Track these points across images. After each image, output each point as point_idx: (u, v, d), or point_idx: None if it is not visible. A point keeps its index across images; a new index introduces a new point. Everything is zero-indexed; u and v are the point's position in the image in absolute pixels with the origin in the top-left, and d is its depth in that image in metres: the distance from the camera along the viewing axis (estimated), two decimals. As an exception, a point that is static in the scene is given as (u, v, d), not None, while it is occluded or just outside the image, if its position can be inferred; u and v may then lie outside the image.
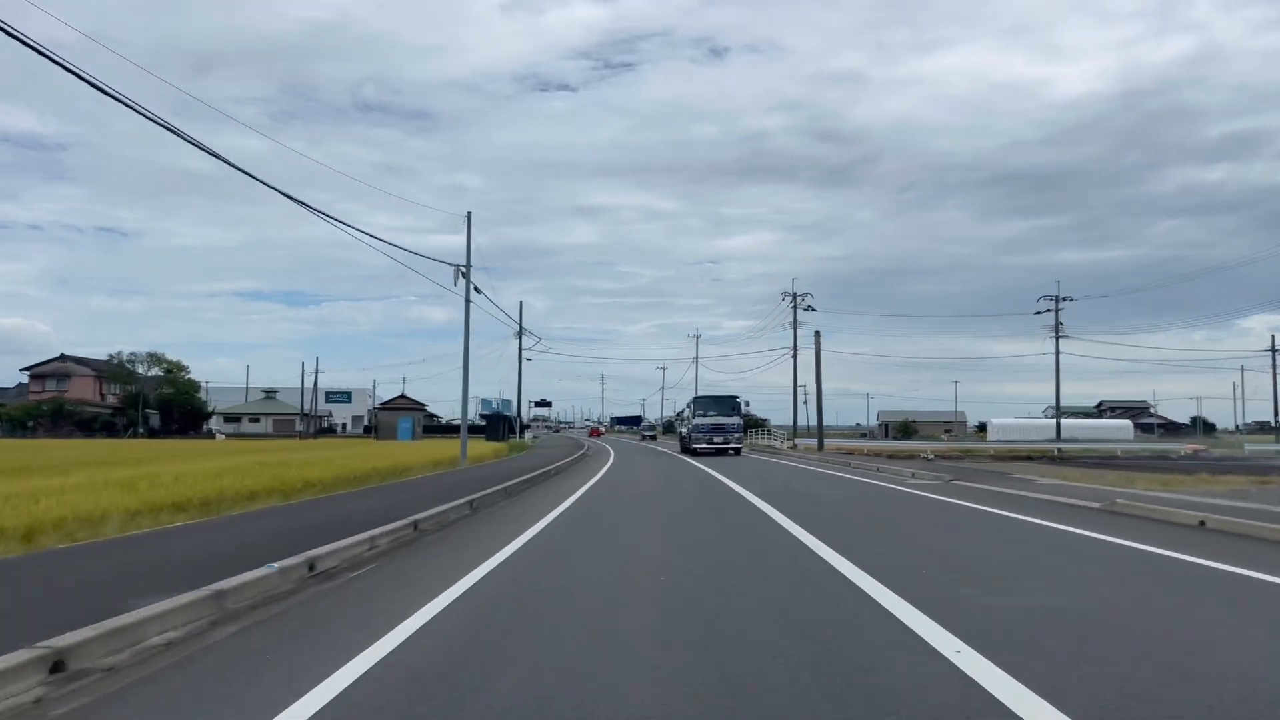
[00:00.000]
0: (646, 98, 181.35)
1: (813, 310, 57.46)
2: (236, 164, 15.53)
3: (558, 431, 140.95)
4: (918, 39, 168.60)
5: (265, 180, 17.28)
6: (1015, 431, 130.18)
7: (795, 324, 57.62)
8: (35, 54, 9.54)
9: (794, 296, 57.72)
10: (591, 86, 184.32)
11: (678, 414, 73.80)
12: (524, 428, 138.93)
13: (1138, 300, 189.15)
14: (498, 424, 55.79)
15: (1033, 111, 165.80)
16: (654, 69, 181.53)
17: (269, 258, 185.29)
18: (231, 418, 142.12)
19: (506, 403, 57.08)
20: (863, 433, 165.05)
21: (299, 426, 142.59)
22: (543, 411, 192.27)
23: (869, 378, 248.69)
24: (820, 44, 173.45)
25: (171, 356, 76.73)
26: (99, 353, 78.83)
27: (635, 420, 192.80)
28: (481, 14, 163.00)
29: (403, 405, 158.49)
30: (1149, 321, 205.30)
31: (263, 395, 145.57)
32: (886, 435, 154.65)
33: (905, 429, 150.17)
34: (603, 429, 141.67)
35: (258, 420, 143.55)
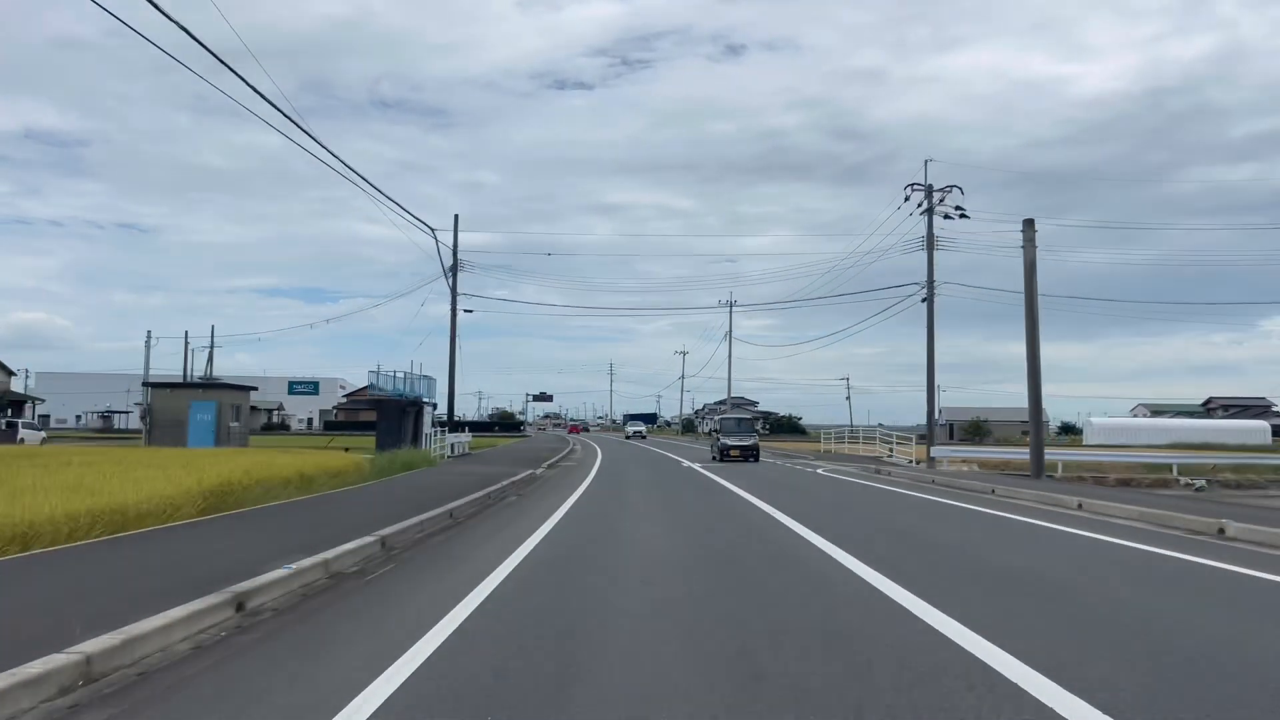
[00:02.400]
0: (663, 95, 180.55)
1: (963, 216, 32.17)
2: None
3: (586, 431, 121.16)
4: (938, 36, 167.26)
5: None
6: (1123, 434, 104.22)
7: (930, 239, 32.19)
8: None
9: (928, 191, 32.30)
10: (609, 84, 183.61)
11: None
12: (504, 427, 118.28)
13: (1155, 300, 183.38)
14: (396, 418, 30.68)
15: (1054, 110, 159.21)
16: (671, 66, 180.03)
17: (288, 254, 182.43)
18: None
19: (427, 381, 31.44)
20: (921, 434, 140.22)
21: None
22: (551, 407, 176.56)
23: (885, 376, 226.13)
24: (838, 41, 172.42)
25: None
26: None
27: (649, 418, 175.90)
28: (499, 11, 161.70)
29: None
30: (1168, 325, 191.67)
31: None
32: (951, 437, 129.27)
33: (976, 429, 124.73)
34: (582, 427, 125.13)
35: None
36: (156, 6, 11.79)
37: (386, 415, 32.06)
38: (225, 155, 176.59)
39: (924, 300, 32.39)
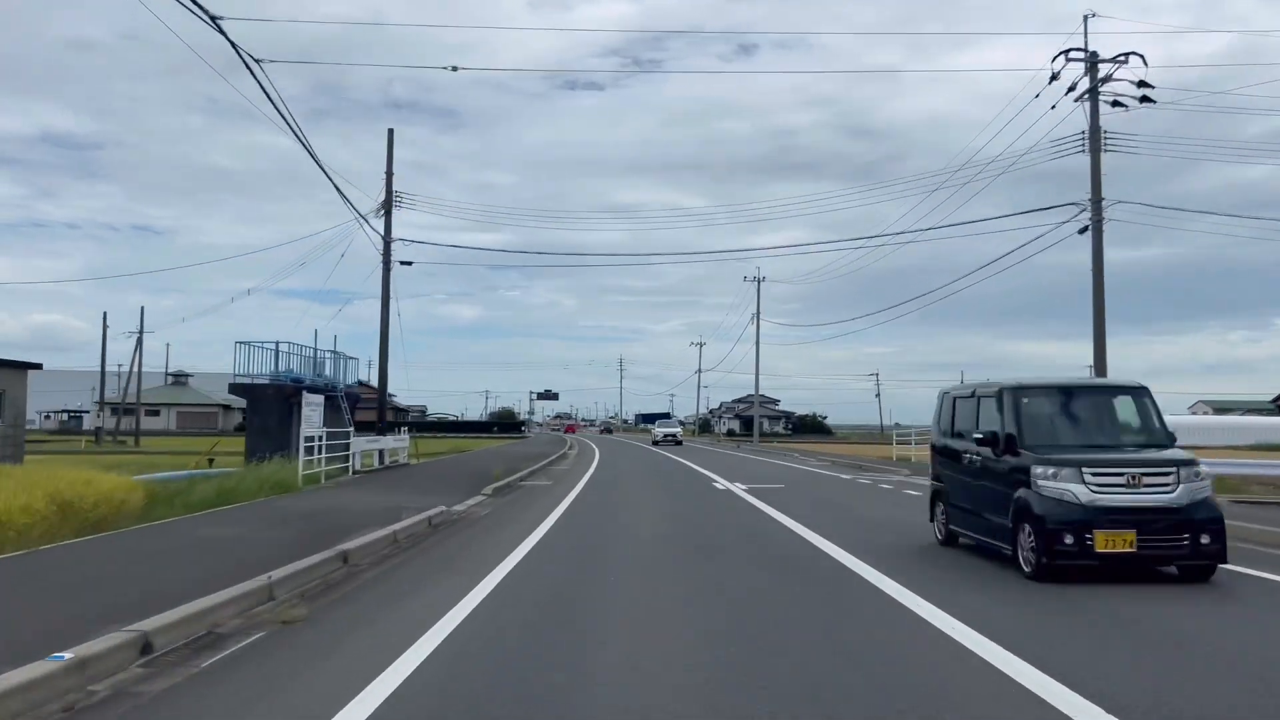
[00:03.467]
0: (675, 95, 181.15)
1: (1147, 99, 20.67)
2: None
3: (609, 433, 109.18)
4: (950, 34, 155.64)
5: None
6: (1198, 433, 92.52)
7: (1096, 134, 20.76)
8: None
9: (1090, 63, 20.80)
10: (620, 84, 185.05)
11: None
12: (504, 427, 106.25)
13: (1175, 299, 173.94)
14: (275, 412, 19.70)
15: (1068, 107, 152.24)
16: (682, 66, 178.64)
17: (300, 255, 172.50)
18: (121, 410, 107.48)
19: (339, 360, 19.90)
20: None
21: (221, 422, 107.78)
22: (558, 406, 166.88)
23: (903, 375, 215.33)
24: (851, 40, 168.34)
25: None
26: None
27: (664, 417, 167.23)
28: (510, 12, 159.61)
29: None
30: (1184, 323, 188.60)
31: (170, 381, 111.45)
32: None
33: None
34: (605, 428, 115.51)
35: (157, 414, 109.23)
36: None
37: (260, 409, 21.04)
38: (236, 157, 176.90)
39: (1083, 231, 21.02)
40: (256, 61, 13.47)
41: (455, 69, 18.73)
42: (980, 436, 9.05)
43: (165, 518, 11.52)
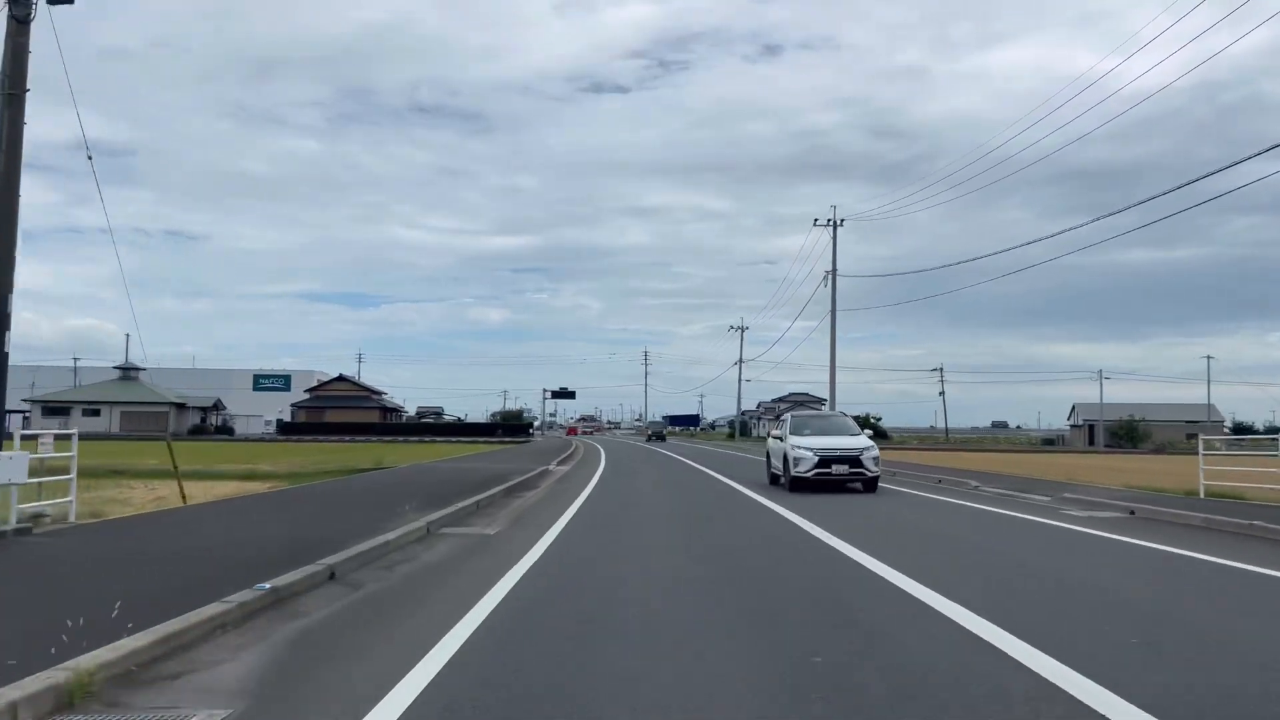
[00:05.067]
0: (700, 96, 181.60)
1: None
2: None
3: (662, 440, 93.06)
4: (980, 32, 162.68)
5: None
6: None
7: None
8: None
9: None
10: (645, 86, 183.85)
11: None
12: (510, 429, 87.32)
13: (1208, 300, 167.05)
14: None
15: (1099, 105, 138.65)
16: (707, 68, 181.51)
17: (330, 260, 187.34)
18: (55, 409, 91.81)
19: None
20: (1055, 436, 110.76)
21: (173, 424, 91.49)
22: (578, 405, 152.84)
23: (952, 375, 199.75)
24: (878, 39, 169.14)
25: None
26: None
27: (692, 420, 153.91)
28: (535, 15, 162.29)
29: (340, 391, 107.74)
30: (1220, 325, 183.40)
31: (118, 375, 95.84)
32: (1092, 442, 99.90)
33: (1128, 433, 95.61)
34: (654, 433, 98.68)
35: (97, 413, 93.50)
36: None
37: None
38: (266, 162, 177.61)
39: None
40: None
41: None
42: None
43: None
